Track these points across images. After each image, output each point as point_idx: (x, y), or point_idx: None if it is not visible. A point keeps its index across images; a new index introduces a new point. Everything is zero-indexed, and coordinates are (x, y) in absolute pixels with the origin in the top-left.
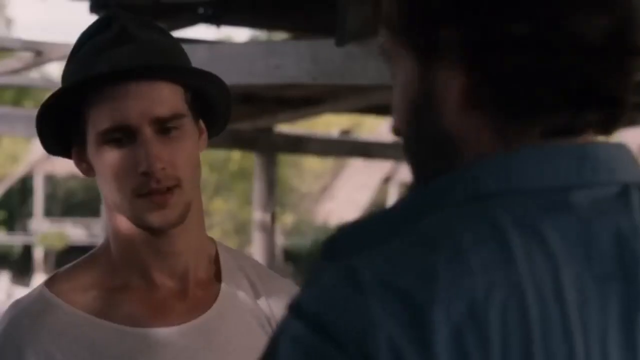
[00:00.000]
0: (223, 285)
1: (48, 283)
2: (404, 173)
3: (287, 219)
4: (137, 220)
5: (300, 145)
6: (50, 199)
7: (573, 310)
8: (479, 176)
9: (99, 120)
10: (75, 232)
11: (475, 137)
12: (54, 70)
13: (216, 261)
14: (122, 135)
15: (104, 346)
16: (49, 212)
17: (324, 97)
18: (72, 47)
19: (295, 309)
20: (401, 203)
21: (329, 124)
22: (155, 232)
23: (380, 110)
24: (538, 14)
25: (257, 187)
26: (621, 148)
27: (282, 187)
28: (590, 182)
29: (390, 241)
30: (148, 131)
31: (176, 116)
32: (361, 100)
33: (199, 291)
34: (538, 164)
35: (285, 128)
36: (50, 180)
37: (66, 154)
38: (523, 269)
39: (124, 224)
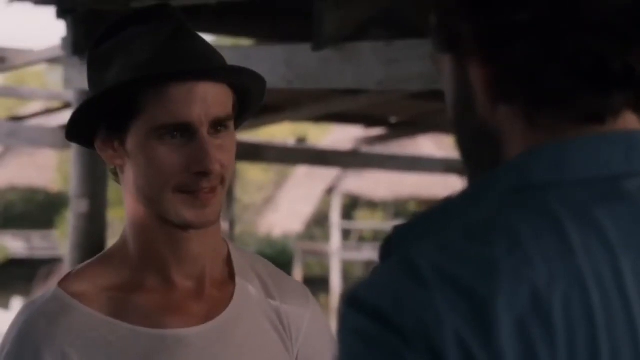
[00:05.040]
0: (237, 285)
1: (62, 283)
2: (347, 184)
3: None
4: (173, 215)
5: (259, 153)
6: None
7: (634, 297)
8: (529, 166)
9: (157, 115)
10: (14, 244)
11: (509, 127)
12: (17, 77)
13: (228, 261)
14: (177, 132)
15: (121, 348)
16: None
17: (284, 105)
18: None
19: (353, 301)
20: (455, 195)
21: (271, 134)
22: (187, 228)
23: (339, 118)
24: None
25: None
26: None
27: None
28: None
29: (444, 233)
30: (206, 131)
31: (229, 117)
32: (321, 108)
33: (214, 291)
34: (588, 153)
35: (240, 136)
36: None
37: (83, 142)
38: (582, 259)
39: (147, 222)
